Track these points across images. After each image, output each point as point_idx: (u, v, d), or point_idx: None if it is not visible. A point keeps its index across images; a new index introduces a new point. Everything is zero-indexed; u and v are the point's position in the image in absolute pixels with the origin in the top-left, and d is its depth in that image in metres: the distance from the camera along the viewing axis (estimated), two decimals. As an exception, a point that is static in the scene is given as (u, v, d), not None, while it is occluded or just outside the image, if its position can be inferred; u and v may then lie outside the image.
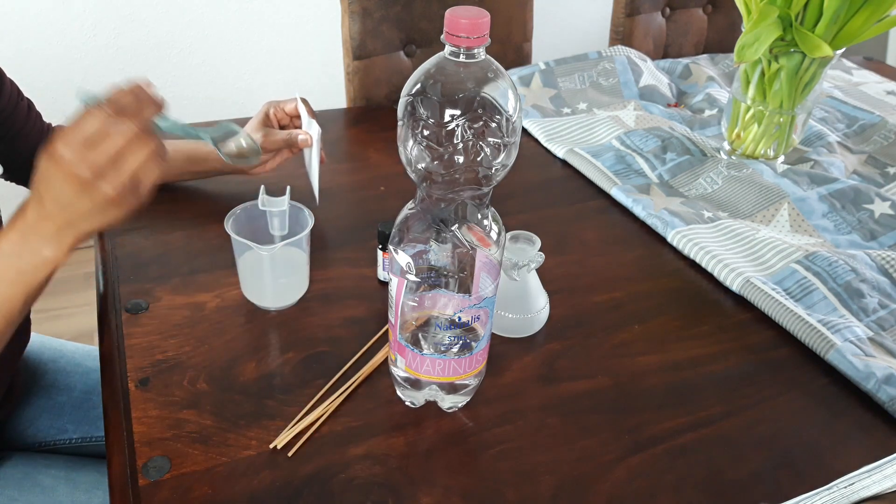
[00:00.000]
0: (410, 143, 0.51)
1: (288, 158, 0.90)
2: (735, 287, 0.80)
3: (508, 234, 0.69)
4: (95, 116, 0.53)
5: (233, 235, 0.70)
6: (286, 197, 0.73)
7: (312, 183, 0.86)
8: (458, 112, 0.49)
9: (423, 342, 0.59)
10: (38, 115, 0.86)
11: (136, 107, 0.54)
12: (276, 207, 0.72)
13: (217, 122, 0.67)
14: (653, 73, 1.29)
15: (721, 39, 1.63)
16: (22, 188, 0.88)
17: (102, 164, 0.53)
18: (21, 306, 0.59)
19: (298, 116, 0.88)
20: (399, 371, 0.62)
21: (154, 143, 0.55)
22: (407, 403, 0.64)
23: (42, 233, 0.57)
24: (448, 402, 0.63)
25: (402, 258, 0.55)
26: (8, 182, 0.86)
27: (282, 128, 0.89)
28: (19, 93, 0.82)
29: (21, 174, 0.85)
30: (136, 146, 0.54)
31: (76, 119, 0.53)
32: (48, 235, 0.57)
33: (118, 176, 0.54)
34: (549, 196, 0.99)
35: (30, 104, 0.84)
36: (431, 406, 0.64)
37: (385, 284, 0.78)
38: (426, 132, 0.49)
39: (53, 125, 0.88)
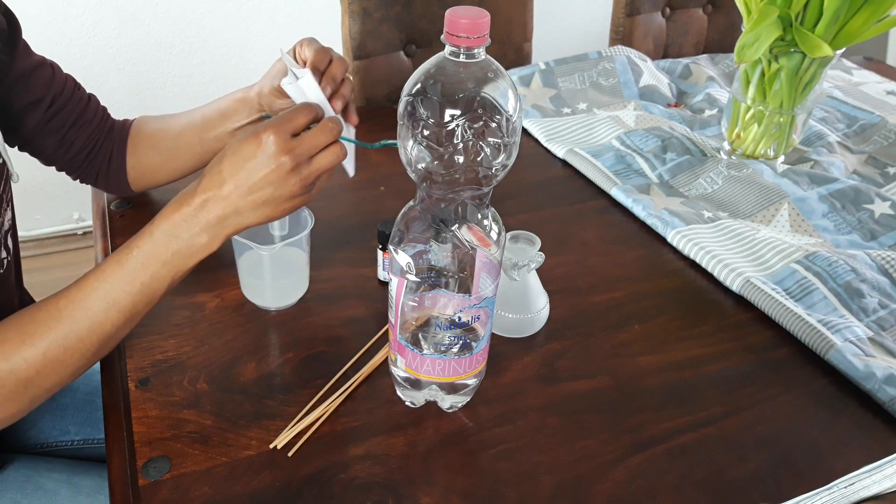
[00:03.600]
0: (410, 143, 0.51)
1: None
2: (735, 287, 0.80)
3: (508, 234, 0.69)
4: (305, 112, 0.57)
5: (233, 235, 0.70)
6: (286, 197, 0.72)
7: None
8: (458, 112, 0.49)
9: (423, 342, 0.59)
10: (102, 108, 0.84)
11: (332, 117, 0.58)
12: (276, 207, 0.72)
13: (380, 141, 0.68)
14: (653, 73, 1.29)
15: (721, 39, 1.63)
16: (30, 190, 0.88)
17: (302, 157, 0.57)
18: (165, 288, 0.60)
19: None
20: (399, 371, 0.62)
21: (343, 151, 0.59)
22: (407, 403, 0.64)
23: (204, 218, 0.58)
24: (448, 402, 0.63)
25: (402, 258, 0.55)
26: (18, 184, 0.85)
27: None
28: (76, 83, 0.81)
29: (73, 162, 0.83)
30: (331, 147, 0.58)
31: (288, 114, 0.57)
32: (209, 222, 0.58)
33: (308, 172, 0.58)
34: (549, 196, 0.99)
35: (90, 97, 0.83)
36: (431, 406, 0.64)
37: (385, 284, 0.78)
38: (426, 132, 0.50)
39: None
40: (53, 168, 0.83)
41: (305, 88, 0.65)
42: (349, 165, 0.72)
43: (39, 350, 0.57)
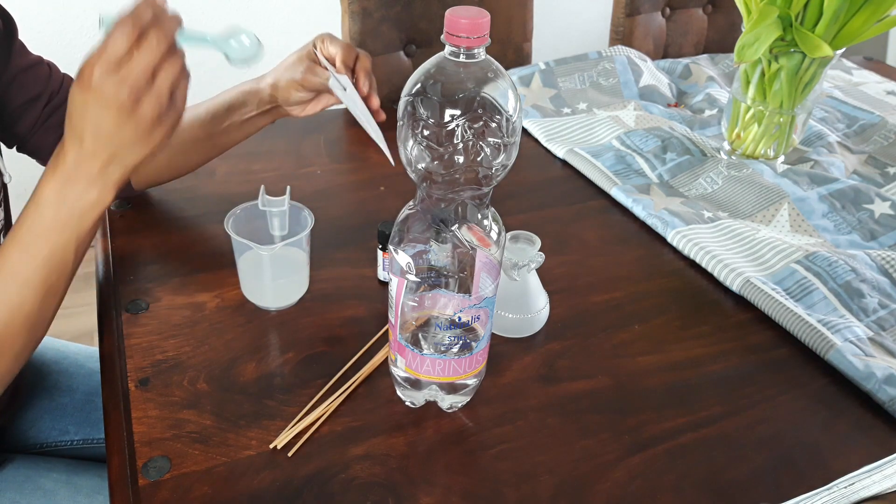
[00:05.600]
0: (410, 143, 0.51)
1: (335, 104, 0.81)
2: (735, 287, 0.80)
3: (508, 234, 0.69)
4: (121, 35, 0.50)
5: (233, 235, 0.70)
6: (286, 197, 0.73)
7: (376, 140, 0.76)
8: (458, 112, 0.49)
9: (423, 342, 0.59)
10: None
11: (158, 20, 0.52)
12: (276, 207, 0.72)
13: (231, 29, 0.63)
14: (653, 73, 1.29)
15: (721, 39, 1.63)
16: (29, 190, 0.88)
17: (139, 84, 0.52)
18: (73, 255, 0.58)
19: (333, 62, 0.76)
20: (399, 371, 0.62)
21: (182, 55, 0.54)
22: (407, 403, 0.64)
23: (85, 175, 0.55)
24: (448, 402, 0.63)
25: (402, 258, 0.55)
26: (17, 185, 0.84)
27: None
28: (73, 81, 0.81)
29: None
30: (166, 59, 0.53)
31: (101, 43, 0.51)
32: (92, 177, 0.55)
33: (156, 93, 0.53)
34: (549, 196, 0.99)
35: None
36: (431, 406, 0.64)
37: (385, 284, 0.78)
38: (426, 132, 0.50)
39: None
40: None
41: (353, 95, 0.73)
42: (386, 151, 0.74)
43: None
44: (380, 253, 0.77)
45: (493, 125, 0.50)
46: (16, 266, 0.57)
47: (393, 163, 0.71)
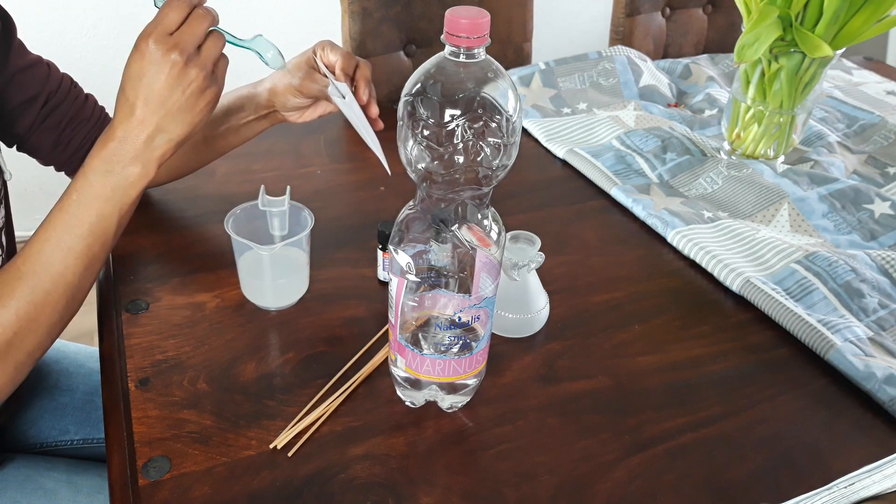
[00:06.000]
0: (410, 143, 0.51)
1: (332, 112, 0.82)
2: (735, 287, 0.80)
3: (508, 234, 0.69)
4: (173, 9, 0.57)
5: (233, 235, 0.70)
6: (286, 197, 0.73)
7: (373, 149, 0.76)
8: (458, 112, 0.49)
9: (423, 342, 0.59)
10: (95, 103, 0.84)
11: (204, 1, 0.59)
12: (276, 207, 0.72)
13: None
14: (653, 73, 1.29)
15: (721, 39, 1.63)
16: (30, 190, 0.88)
17: (189, 48, 0.57)
18: (115, 227, 0.61)
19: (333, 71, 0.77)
20: (399, 371, 0.62)
21: (222, 37, 0.61)
22: (407, 403, 0.64)
23: (132, 147, 0.59)
24: (448, 402, 0.63)
25: (402, 258, 0.55)
26: (17, 184, 0.83)
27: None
28: (72, 82, 0.81)
29: (71, 163, 0.83)
30: (211, 35, 0.59)
31: (156, 17, 0.57)
32: (138, 150, 0.59)
33: (202, 61, 0.58)
34: (549, 196, 0.99)
35: (88, 96, 0.83)
36: (431, 406, 0.64)
37: (385, 284, 0.78)
38: (426, 132, 0.50)
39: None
40: (52, 168, 0.83)
41: (351, 103, 0.75)
42: (383, 160, 0.75)
43: (10, 311, 0.57)
44: (380, 253, 0.77)
45: (493, 125, 0.50)
46: (61, 234, 0.59)
47: (390, 172, 0.73)
